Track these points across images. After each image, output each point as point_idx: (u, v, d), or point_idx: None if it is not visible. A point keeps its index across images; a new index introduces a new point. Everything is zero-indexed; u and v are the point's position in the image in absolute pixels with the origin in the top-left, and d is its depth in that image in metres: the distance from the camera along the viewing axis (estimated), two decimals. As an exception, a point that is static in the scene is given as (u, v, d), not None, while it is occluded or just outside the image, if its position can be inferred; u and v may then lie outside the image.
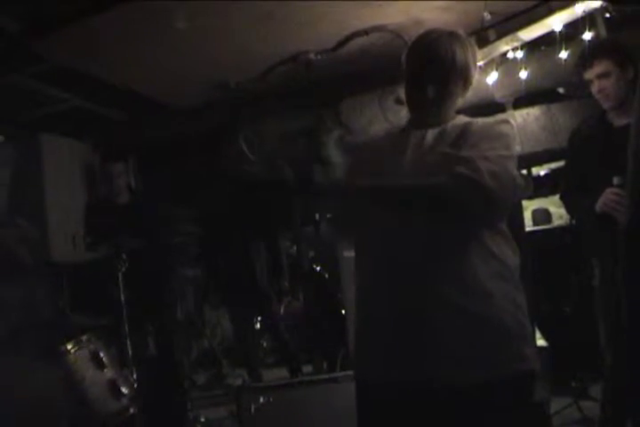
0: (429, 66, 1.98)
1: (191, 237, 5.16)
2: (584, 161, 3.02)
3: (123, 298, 3.89)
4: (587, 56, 2.98)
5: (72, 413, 3.10)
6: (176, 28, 3.94)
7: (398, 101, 4.40)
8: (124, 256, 3.95)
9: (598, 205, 2.81)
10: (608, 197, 2.77)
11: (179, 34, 4.07)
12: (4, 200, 4.79)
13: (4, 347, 3.36)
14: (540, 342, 4.39)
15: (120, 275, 3.92)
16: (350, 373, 3.64)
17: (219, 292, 5.83)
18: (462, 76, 2.00)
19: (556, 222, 5.81)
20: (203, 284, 6.52)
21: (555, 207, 5.85)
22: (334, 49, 4.57)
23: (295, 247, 6.12)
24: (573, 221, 3.89)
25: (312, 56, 4.59)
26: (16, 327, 3.50)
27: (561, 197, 3.23)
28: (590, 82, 2.93)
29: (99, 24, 3.88)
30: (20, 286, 4.21)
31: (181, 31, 4.01)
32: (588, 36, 3.84)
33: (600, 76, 2.89)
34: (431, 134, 2.00)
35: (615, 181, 2.76)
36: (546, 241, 5.25)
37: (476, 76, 2.08)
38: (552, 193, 5.63)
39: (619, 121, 2.94)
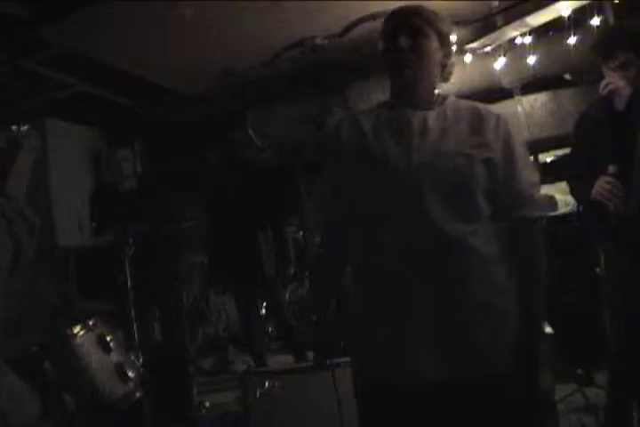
0: (403, 18, 1.95)
1: (197, 223, 5.15)
2: (591, 146, 3.01)
3: (129, 283, 3.91)
4: (608, 46, 2.94)
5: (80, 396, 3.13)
6: (184, 15, 3.93)
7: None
8: (131, 241, 3.95)
9: (592, 193, 2.80)
10: (601, 186, 2.76)
11: (186, 20, 4.06)
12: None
13: (10, 334, 3.39)
14: (546, 329, 4.39)
15: (126, 260, 3.93)
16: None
17: (224, 277, 5.82)
18: (440, 35, 1.92)
19: (562, 210, 5.79)
20: (208, 270, 6.53)
21: (561, 194, 5.83)
22: (341, 34, 4.54)
23: (301, 233, 6.12)
24: (580, 208, 3.89)
25: (319, 41, 4.57)
26: (21, 314, 3.53)
27: (568, 183, 3.22)
28: (612, 71, 2.89)
29: (106, 10, 3.88)
30: (24, 273, 4.24)
31: (189, 18, 4.00)
32: (595, 21, 3.82)
33: (622, 66, 2.85)
34: (432, 118, 1.91)
35: (610, 169, 2.75)
36: (551, 228, 5.25)
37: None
38: (558, 180, 5.62)
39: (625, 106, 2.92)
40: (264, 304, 5.89)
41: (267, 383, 3.34)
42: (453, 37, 2.09)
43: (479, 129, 1.88)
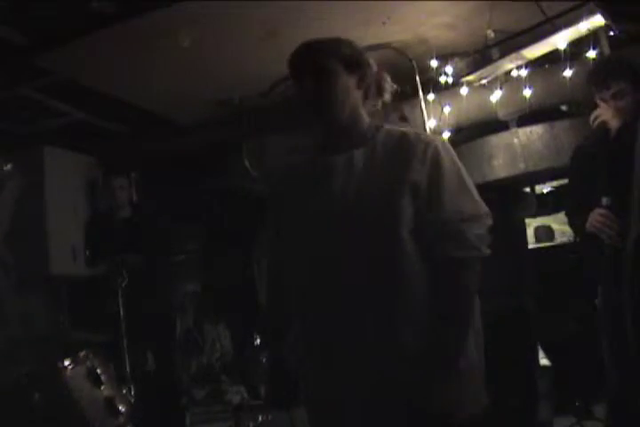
0: (301, 58, 1.94)
1: (192, 253, 5.14)
2: (587, 178, 3.00)
3: (121, 313, 3.87)
4: (601, 75, 2.94)
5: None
6: (181, 44, 3.95)
7: (402, 119, 4.39)
8: (124, 271, 3.93)
9: (587, 225, 2.80)
10: (595, 218, 2.75)
11: (182, 50, 4.08)
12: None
13: (3, 360, 3.35)
14: (544, 361, 4.36)
15: (120, 290, 3.91)
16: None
17: (218, 308, 5.80)
18: (346, 62, 1.88)
19: (559, 240, 5.79)
20: (202, 300, 6.49)
21: (557, 224, 5.83)
22: (338, 66, 4.56)
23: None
24: (577, 239, 3.88)
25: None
26: (15, 340, 3.49)
27: (566, 215, 3.22)
28: (604, 102, 2.90)
29: (103, 39, 3.90)
30: (20, 301, 4.21)
31: (185, 48, 4.01)
32: (592, 54, 3.84)
33: (615, 97, 2.85)
34: (359, 157, 1.85)
35: (604, 201, 2.74)
36: (548, 259, 5.23)
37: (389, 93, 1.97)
38: (555, 211, 5.62)
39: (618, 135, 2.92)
40: (258, 335, 5.84)
41: (260, 417, 3.30)
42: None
43: (406, 158, 1.81)
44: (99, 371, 3.19)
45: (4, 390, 3.08)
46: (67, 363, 3.13)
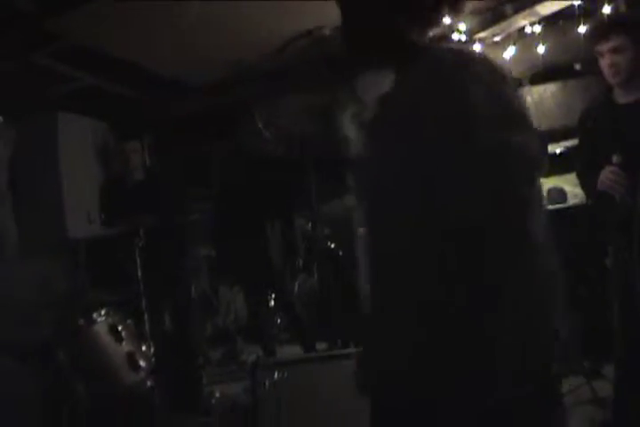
0: None
1: (205, 215, 5.17)
2: (593, 140, 3.00)
3: (139, 274, 3.92)
4: (604, 28, 2.92)
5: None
6: (192, 8, 3.93)
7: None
8: (141, 232, 3.97)
9: (598, 184, 2.80)
10: (606, 176, 2.75)
11: (193, 12, 4.05)
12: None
13: (23, 324, 3.41)
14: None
15: (137, 251, 3.95)
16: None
17: (233, 270, 5.84)
18: None
19: (572, 201, 5.77)
20: (217, 262, 6.54)
21: (570, 186, 5.81)
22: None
23: (310, 225, 6.12)
24: (588, 201, 3.88)
25: (327, 32, 4.56)
26: (34, 304, 3.55)
27: (577, 177, 3.22)
28: (601, 55, 2.86)
29: (113, 3, 3.87)
30: (37, 264, 4.27)
31: (196, 10, 3.99)
32: (607, 10, 3.79)
33: (614, 51, 2.82)
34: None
35: (614, 159, 2.74)
36: (561, 220, 5.23)
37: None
38: (567, 171, 5.60)
39: (624, 99, 2.89)
40: (273, 295, 5.90)
41: (276, 374, 3.35)
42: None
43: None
44: (119, 327, 3.24)
45: (28, 350, 3.15)
46: (88, 320, 3.19)
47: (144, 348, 3.47)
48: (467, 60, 1.49)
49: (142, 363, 3.24)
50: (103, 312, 3.25)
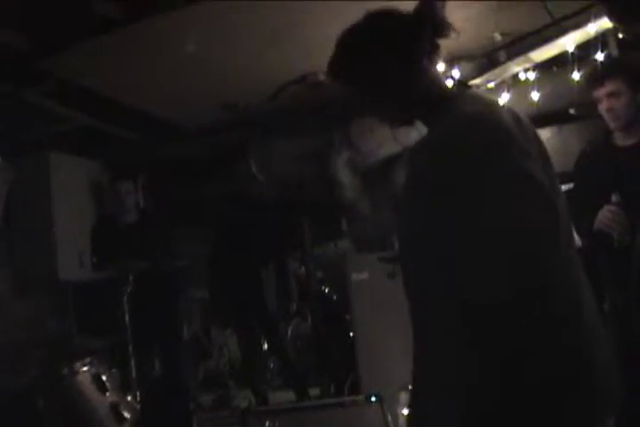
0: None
1: (199, 258, 5.13)
2: (590, 180, 2.98)
3: (127, 319, 3.86)
4: (598, 74, 2.94)
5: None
6: (186, 50, 3.94)
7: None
8: (131, 277, 3.92)
9: (595, 223, 2.77)
10: (604, 215, 2.73)
11: (188, 55, 4.07)
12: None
13: (8, 364, 3.33)
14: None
15: (126, 295, 3.89)
16: (358, 397, 3.59)
17: (226, 313, 5.77)
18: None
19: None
20: (210, 305, 6.47)
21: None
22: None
23: (303, 268, 6.08)
24: (583, 242, 3.84)
25: (321, 77, 4.57)
26: (21, 344, 3.47)
27: (572, 220, 3.18)
28: (599, 100, 2.88)
29: (108, 44, 3.89)
30: (27, 304, 4.19)
31: (190, 52, 4.01)
32: (600, 56, 3.81)
33: (610, 95, 2.84)
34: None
35: (613, 198, 2.73)
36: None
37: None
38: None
39: (624, 141, 2.90)
40: (266, 339, 5.82)
41: (267, 422, 3.27)
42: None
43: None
44: (104, 377, 3.15)
45: (8, 396, 3.06)
46: (71, 369, 3.11)
47: (129, 398, 3.38)
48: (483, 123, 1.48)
49: (127, 414, 3.14)
50: (87, 361, 3.17)
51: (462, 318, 1.42)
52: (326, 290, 5.92)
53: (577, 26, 3.76)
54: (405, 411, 3.82)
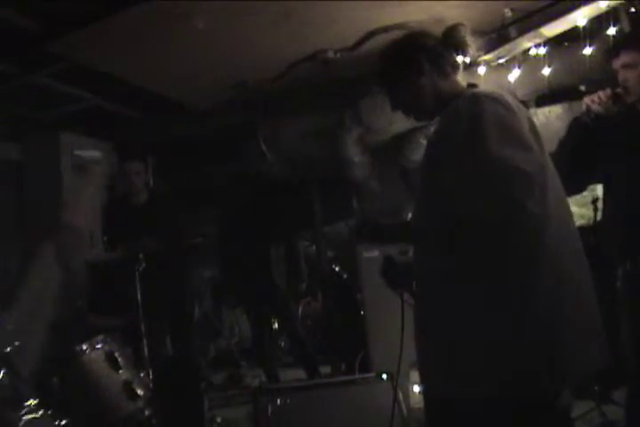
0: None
1: (209, 238, 5.14)
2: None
3: (139, 298, 3.88)
4: (615, 46, 2.91)
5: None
6: (195, 28, 3.91)
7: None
8: (141, 256, 3.93)
9: (583, 108, 2.82)
10: (589, 97, 2.79)
11: (197, 34, 4.04)
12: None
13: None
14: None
15: (137, 275, 3.91)
16: (369, 375, 3.60)
17: (236, 292, 5.80)
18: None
19: (578, 222, 5.72)
20: (220, 284, 6.50)
21: (576, 207, 5.77)
22: (353, 47, 4.51)
23: (314, 247, 6.09)
24: (595, 221, 3.82)
25: (331, 54, 4.54)
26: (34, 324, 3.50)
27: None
28: (617, 72, 2.86)
29: (117, 24, 3.87)
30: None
31: (199, 31, 3.98)
32: (612, 31, 3.77)
33: (625, 67, 2.81)
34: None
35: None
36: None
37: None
38: (575, 193, 5.55)
39: None
40: (277, 319, 5.85)
41: (279, 400, 3.30)
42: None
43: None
44: (116, 355, 3.19)
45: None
46: (84, 347, 3.14)
47: (142, 375, 3.41)
48: (481, 100, 1.92)
49: (140, 391, 3.18)
50: (100, 339, 3.20)
51: (449, 246, 1.85)
52: (337, 268, 5.94)
53: (588, 0, 3.72)
54: (416, 388, 3.85)
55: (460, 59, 2.14)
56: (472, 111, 1.88)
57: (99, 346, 3.19)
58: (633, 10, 3.78)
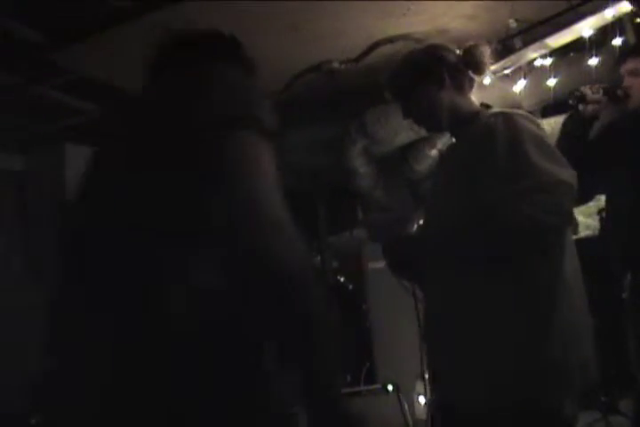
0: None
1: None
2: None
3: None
4: (622, 52, 2.93)
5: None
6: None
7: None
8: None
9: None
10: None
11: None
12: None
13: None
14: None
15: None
16: (374, 386, 3.59)
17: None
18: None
19: (584, 233, 5.70)
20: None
21: (583, 217, 5.75)
22: (358, 58, 4.52)
23: (319, 258, 6.07)
24: (601, 230, 3.81)
25: (336, 65, 4.55)
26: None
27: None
28: (622, 77, 2.87)
29: (121, 35, 3.88)
30: (42, 288, 4.21)
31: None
32: (617, 41, 3.77)
33: (630, 73, 2.82)
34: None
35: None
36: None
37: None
38: (580, 203, 5.54)
39: None
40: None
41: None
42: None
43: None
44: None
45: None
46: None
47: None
48: (515, 119, 1.96)
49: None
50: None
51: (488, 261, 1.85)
52: (342, 279, 5.92)
53: (594, 11, 3.72)
54: (422, 399, 3.83)
55: (476, 77, 2.16)
56: (509, 128, 1.91)
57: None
58: (639, 20, 3.78)
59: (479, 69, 2.13)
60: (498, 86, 4.29)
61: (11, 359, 3.67)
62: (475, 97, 2.17)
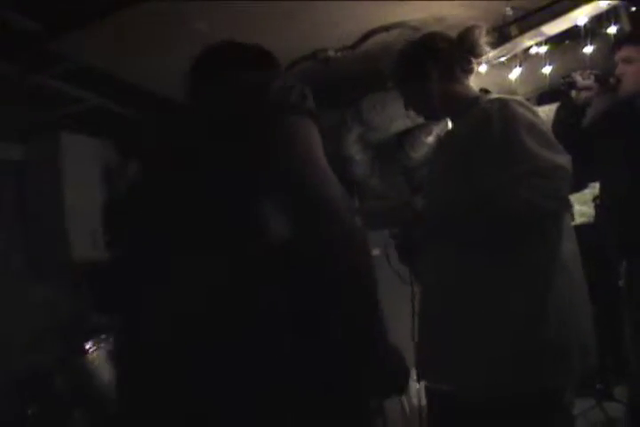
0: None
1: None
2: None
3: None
4: (617, 39, 2.95)
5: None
6: (198, 30, 3.92)
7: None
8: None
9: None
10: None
11: (200, 34, 4.04)
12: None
13: (25, 348, 3.37)
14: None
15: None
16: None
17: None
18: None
19: (579, 220, 5.73)
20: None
21: (578, 205, 5.77)
22: (354, 46, 4.52)
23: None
24: (597, 219, 3.83)
25: (331, 53, 4.54)
26: (41, 327, 3.51)
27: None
28: (616, 64, 2.88)
29: (118, 23, 3.87)
30: (40, 289, 4.23)
31: (202, 31, 3.98)
32: (612, 30, 3.78)
33: (623, 61, 2.84)
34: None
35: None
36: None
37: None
38: (574, 191, 5.55)
39: None
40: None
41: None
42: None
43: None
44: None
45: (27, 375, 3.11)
46: (88, 346, 3.15)
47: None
48: (510, 105, 2.00)
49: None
50: (103, 338, 3.21)
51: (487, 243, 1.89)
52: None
53: (589, -1, 3.73)
54: (418, 385, 3.85)
55: (474, 60, 2.19)
56: (504, 115, 1.95)
57: (102, 345, 3.20)
58: (633, 9, 3.79)
59: (477, 52, 2.17)
60: (493, 74, 4.30)
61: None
62: (471, 84, 2.19)
